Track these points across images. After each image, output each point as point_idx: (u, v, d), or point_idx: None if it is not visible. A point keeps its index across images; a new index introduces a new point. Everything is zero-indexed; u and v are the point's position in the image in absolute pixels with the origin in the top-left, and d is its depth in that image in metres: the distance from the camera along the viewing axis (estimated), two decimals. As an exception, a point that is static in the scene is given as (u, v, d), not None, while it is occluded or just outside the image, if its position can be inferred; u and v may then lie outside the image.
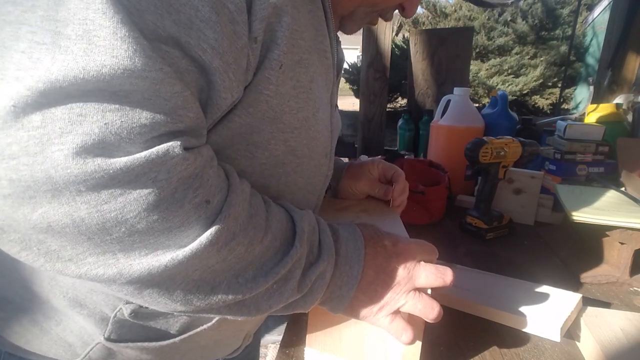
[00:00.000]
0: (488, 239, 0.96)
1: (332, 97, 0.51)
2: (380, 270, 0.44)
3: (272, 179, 0.44)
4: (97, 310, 0.44)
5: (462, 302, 0.66)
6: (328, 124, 0.49)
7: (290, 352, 0.58)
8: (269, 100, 0.39)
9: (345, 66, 8.31)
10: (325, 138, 0.48)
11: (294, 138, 0.43)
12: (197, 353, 0.53)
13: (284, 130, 0.41)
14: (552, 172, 1.20)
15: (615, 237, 0.80)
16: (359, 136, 1.81)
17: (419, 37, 1.81)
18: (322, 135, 0.47)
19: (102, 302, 0.44)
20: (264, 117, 0.39)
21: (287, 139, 0.42)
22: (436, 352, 0.58)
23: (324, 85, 0.47)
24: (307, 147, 0.45)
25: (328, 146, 0.51)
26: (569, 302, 0.63)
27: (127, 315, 0.43)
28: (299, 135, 0.43)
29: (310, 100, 0.43)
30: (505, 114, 1.37)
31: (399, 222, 0.62)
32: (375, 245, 0.45)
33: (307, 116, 0.43)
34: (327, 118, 0.49)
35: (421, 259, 0.46)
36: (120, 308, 0.44)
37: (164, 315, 0.45)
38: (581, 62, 7.09)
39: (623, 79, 1.75)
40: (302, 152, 0.44)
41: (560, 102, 5.62)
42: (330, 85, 0.50)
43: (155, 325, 0.46)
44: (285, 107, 0.40)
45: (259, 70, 0.38)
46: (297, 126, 0.42)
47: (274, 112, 0.40)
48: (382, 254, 0.44)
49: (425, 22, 8.40)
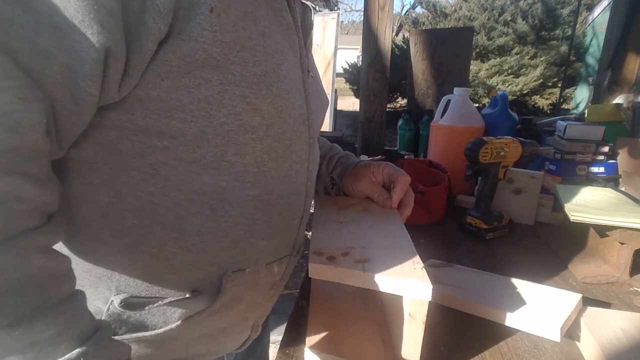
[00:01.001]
0: (488, 239, 0.96)
1: (302, 62, 0.50)
2: None
3: (247, 147, 0.43)
4: (89, 304, 0.43)
5: (462, 302, 0.66)
6: (300, 87, 0.48)
7: (290, 352, 0.58)
8: (206, 49, 0.38)
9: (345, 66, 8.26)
10: (298, 102, 0.47)
11: (254, 94, 0.41)
12: (202, 345, 0.52)
13: (238, 84, 0.40)
14: (552, 172, 1.20)
15: (615, 237, 0.80)
16: (359, 136, 1.81)
17: (419, 37, 1.81)
18: (292, 97, 0.46)
19: (93, 296, 0.43)
20: (204, 65, 0.38)
21: (245, 94, 0.41)
22: (436, 352, 0.58)
23: (287, 45, 0.46)
24: (274, 107, 0.43)
25: (304, 113, 0.49)
26: (569, 301, 0.63)
27: (118, 305, 0.42)
28: (260, 92, 0.42)
29: (266, 54, 0.42)
30: (505, 114, 1.37)
31: (399, 223, 0.62)
32: None
33: (266, 71, 0.42)
34: (297, 80, 0.48)
35: None
36: (111, 300, 0.43)
37: (155, 302, 0.44)
38: (581, 62, 7.09)
39: (623, 79, 1.75)
40: (268, 112, 0.43)
41: (560, 102, 5.62)
42: (297, 48, 0.49)
43: (148, 314, 0.45)
44: (233, 57, 0.39)
45: (189, 19, 0.36)
46: (254, 81, 0.41)
47: (216, 61, 0.38)
48: None
49: (425, 22, 8.40)
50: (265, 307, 0.59)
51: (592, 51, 6.63)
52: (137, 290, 0.44)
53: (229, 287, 0.47)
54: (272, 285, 0.55)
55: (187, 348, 0.51)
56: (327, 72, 5.84)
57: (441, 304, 0.67)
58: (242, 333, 0.58)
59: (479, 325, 0.63)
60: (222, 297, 0.47)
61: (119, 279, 0.43)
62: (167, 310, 0.45)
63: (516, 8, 7.53)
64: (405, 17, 9.74)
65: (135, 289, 0.44)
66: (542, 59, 7.31)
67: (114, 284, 0.43)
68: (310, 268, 0.49)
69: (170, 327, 0.46)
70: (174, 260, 0.43)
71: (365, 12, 1.67)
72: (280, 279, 0.56)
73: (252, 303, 0.54)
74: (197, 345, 0.51)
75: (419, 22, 8.48)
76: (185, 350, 0.51)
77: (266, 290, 0.55)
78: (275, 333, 2.10)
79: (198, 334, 0.50)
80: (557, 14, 7.41)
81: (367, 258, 0.50)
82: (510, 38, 7.44)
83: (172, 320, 0.46)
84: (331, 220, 0.61)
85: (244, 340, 0.60)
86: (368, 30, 1.67)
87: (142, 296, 0.44)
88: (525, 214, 1.08)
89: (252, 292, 0.52)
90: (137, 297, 0.43)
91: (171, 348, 0.49)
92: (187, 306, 0.46)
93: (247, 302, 0.52)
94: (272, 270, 0.53)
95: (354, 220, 0.61)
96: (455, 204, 1.21)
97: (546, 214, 1.08)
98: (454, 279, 0.71)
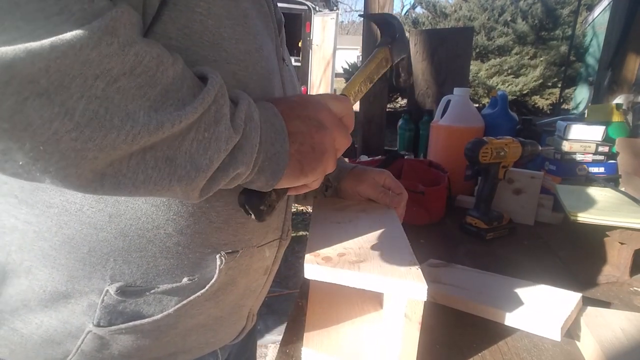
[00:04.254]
0: (488, 239, 0.96)
1: (277, 50, 0.51)
2: (299, 115, 0.43)
3: None
4: (82, 297, 0.43)
5: (462, 301, 0.66)
6: (277, 73, 0.49)
7: (290, 352, 0.58)
8: (202, 20, 0.37)
9: (345, 66, 8.26)
10: (277, 87, 0.48)
11: (242, 71, 0.41)
12: (200, 335, 0.52)
13: (229, 61, 0.40)
14: (552, 172, 1.20)
15: (615, 237, 0.80)
16: (359, 136, 1.81)
17: (419, 37, 1.82)
18: (274, 78, 0.46)
19: (86, 288, 0.42)
20: (202, 40, 0.38)
21: (234, 70, 0.40)
22: (436, 352, 0.58)
23: (265, 31, 0.47)
24: (260, 87, 0.43)
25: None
26: (569, 301, 0.63)
27: (114, 293, 0.42)
28: (247, 69, 0.41)
29: (248, 34, 0.42)
30: (505, 114, 1.37)
31: (397, 223, 0.62)
32: (280, 100, 0.44)
33: (250, 50, 0.42)
34: (275, 66, 0.48)
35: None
36: (106, 290, 0.42)
37: (152, 288, 0.44)
38: (581, 62, 7.09)
39: (623, 79, 1.75)
40: (254, 93, 0.42)
41: (560, 102, 5.62)
42: (273, 36, 0.50)
43: (144, 303, 0.44)
44: (223, 32, 0.39)
45: None
46: (241, 58, 0.41)
47: (212, 35, 0.38)
48: (289, 102, 0.44)
49: (425, 22, 8.40)
50: (259, 294, 0.59)
51: (592, 51, 6.63)
52: (132, 278, 0.43)
53: (223, 269, 0.47)
54: (265, 270, 0.55)
55: (185, 339, 0.50)
56: (327, 72, 5.85)
57: (441, 304, 0.67)
58: (239, 322, 0.58)
59: (479, 325, 0.63)
60: (217, 281, 0.47)
61: (114, 267, 0.42)
62: (163, 299, 0.45)
63: (516, 8, 7.53)
64: (405, 17, 9.73)
65: (130, 276, 0.43)
66: (542, 59, 7.31)
67: (108, 272, 0.42)
68: (306, 268, 0.49)
69: (167, 313, 0.45)
70: (169, 243, 0.43)
71: (365, 12, 1.67)
72: (272, 264, 0.57)
73: (247, 289, 0.54)
74: (195, 335, 0.51)
75: (418, 22, 8.48)
76: (183, 341, 0.51)
77: (260, 276, 0.55)
78: (275, 333, 2.11)
79: (195, 322, 0.49)
80: (557, 14, 7.42)
81: (363, 259, 0.50)
82: (510, 38, 7.44)
83: (168, 307, 0.46)
84: (329, 220, 0.61)
85: (241, 330, 0.60)
86: (368, 31, 1.67)
87: (138, 285, 0.44)
88: (525, 214, 1.08)
89: (246, 276, 0.52)
90: (133, 286, 0.43)
91: (169, 339, 0.49)
92: (183, 292, 0.46)
93: (242, 287, 0.52)
94: (264, 254, 0.53)
95: (351, 220, 0.61)
96: (455, 204, 1.21)
97: (546, 214, 1.08)
98: (453, 279, 0.71)
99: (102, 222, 0.41)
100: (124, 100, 0.28)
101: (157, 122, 0.29)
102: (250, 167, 0.37)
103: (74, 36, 0.25)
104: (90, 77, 0.26)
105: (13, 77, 0.24)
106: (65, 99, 0.26)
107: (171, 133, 0.31)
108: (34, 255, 0.41)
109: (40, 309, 0.43)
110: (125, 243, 0.42)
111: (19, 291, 0.43)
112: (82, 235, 0.41)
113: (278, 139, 0.40)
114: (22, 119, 0.25)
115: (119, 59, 0.27)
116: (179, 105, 0.31)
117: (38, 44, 0.24)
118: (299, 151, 0.42)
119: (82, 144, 0.27)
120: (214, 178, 0.35)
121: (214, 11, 0.38)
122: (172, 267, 0.45)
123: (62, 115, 0.26)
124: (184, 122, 0.31)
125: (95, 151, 0.27)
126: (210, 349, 0.56)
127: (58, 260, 0.41)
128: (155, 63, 0.30)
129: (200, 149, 0.33)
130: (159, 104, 0.30)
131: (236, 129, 0.35)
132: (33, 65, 0.24)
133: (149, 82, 0.29)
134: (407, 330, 0.48)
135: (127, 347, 0.46)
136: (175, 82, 0.31)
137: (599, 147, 1.16)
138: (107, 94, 0.27)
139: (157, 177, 0.32)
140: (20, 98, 0.24)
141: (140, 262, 0.43)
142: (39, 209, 0.40)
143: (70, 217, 0.41)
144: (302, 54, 5.69)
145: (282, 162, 0.40)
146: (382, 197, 0.68)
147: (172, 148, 0.32)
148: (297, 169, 0.42)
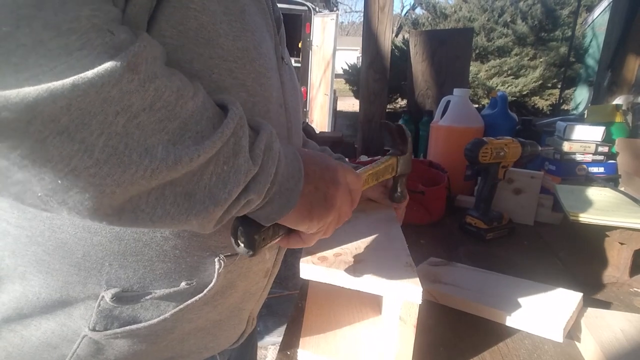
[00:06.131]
0: (488, 239, 0.96)
1: (276, 48, 0.50)
2: (319, 164, 0.44)
3: None
4: (78, 302, 0.42)
5: (463, 301, 0.66)
6: (276, 72, 0.48)
7: (290, 354, 0.58)
8: (197, 16, 0.37)
9: (345, 67, 8.23)
10: (275, 85, 0.48)
11: (239, 69, 0.41)
12: (198, 339, 0.51)
13: (226, 59, 0.39)
14: (552, 172, 1.20)
15: (615, 237, 0.80)
16: (359, 136, 1.81)
17: (419, 38, 1.82)
18: (272, 76, 0.46)
19: (82, 294, 0.42)
20: (197, 37, 0.37)
21: (231, 68, 0.40)
22: (436, 352, 0.57)
23: (264, 28, 0.47)
24: (258, 84, 0.43)
25: (280, 97, 0.50)
26: (570, 301, 0.63)
27: (109, 300, 0.41)
28: (244, 67, 0.41)
29: (246, 31, 0.41)
30: (505, 115, 1.37)
31: (395, 223, 0.62)
32: (301, 148, 0.45)
33: (247, 47, 0.41)
34: (274, 64, 0.48)
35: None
36: (102, 296, 0.42)
37: (149, 293, 0.43)
38: (581, 63, 7.08)
39: (623, 79, 1.75)
40: (253, 89, 0.42)
41: (560, 103, 5.61)
42: (272, 33, 0.49)
43: (141, 308, 0.44)
44: (219, 29, 0.38)
45: None
46: (239, 56, 0.40)
47: (207, 32, 0.37)
48: (311, 152, 0.45)
49: (425, 23, 8.40)
50: (259, 297, 0.58)
51: (591, 52, 6.63)
52: (129, 282, 0.43)
53: (222, 272, 0.46)
54: (265, 272, 0.55)
55: (183, 343, 0.50)
56: (327, 72, 5.84)
57: (441, 304, 0.67)
58: (238, 326, 0.57)
59: (479, 325, 0.62)
60: (216, 285, 0.46)
61: (109, 271, 0.42)
62: (160, 304, 0.44)
63: (516, 9, 7.53)
64: (405, 18, 9.74)
65: (126, 281, 0.43)
66: (541, 60, 7.31)
67: (103, 277, 0.42)
68: (302, 268, 0.49)
69: (164, 317, 0.45)
70: (166, 246, 0.43)
71: (365, 13, 1.68)
72: (272, 266, 0.56)
73: (247, 293, 0.53)
74: (193, 339, 0.50)
75: (418, 23, 8.48)
76: (181, 345, 0.50)
77: (260, 279, 0.54)
78: (275, 335, 2.10)
79: (193, 326, 0.49)
80: (556, 15, 7.42)
81: (359, 259, 0.49)
82: (509, 39, 7.44)
83: (165, 312, 0.45)
84: None
85: (240, 334, 0.59)
86: (368, 31, 1.67)
87: (134, 290, 0.43)
88: (525, 214, 1.07)
89: (246, 279, 0.51)
90: (129, 291, 0.42)
91: (166, 343, 0.48)
92: (180, 297, 0.45)
93: (241, 290, 0.51)
94: (264, 257, 0.52)
95: (350, 220, 0.61)
96: (455, 204, 1.20)
97: (546, 214, 1.08)
98: (454, 278, 0.71)
99: (96, 225, 0.40)
100: (144, 135, 0.28)
101: (175, 157, 0.29)
102: (262, 196, 0.37)
103: (95, 74, 0.25)
104: (111, 114, 0.26)
105: (35, 117, 0.24)
106: (86, 136, 0.26)
107: (190, 168, 0.31)
108: (27, 260, 0.41)
109: (39, 311, 0.43)
110: (120, 247, 0.41)
111: (11, 298, 0.42)
112: (76, 239, 0.41)
113: (294, 176, 0.40)
114: (42, 155, 0.25)
115: (139, 95, 0.28)
116: (198, 139, 0.31)
117: (60, 83, 0.24)
118: (312, 195, 0.42)
119: (101, 179, 0.27)
120: (228, 209, 0.35)
121: (209, 7, 0.37)
122: (169, 271, 0.44)
123: (81, 152, 0.26)
124: (203, 157, 0.31)
125: (114, 186, 0.28)
126: (209, 354, 0.55)
127: (52, 265, 0.41)
128: (175, 97, 0.30)
129: (220, 182, 0.33)
130: (177, 137, 0.30)
131: (255, 159, 0.35)
132: (55, 104, 0.24)
133: (168, 116, 0.29)
134: (402, 333, 0.47)
135: (123, 352, 0.45)
136: (195, 115, 0.31)
137: (599, 148, 1.16)
138: (127, 130, 0.27)
139: (175, 212, 0.32)
140: (41, 137, 0.25)
141: (137, 266, 0.42)
142: (31, 212, 0.40)
143: (63, 220, 0.40)
144: (302, 54, 5.69)
145: (293, 199, 0.40)
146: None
147: (191, 183, 0.32)
148: (305, 210, 0.42)
